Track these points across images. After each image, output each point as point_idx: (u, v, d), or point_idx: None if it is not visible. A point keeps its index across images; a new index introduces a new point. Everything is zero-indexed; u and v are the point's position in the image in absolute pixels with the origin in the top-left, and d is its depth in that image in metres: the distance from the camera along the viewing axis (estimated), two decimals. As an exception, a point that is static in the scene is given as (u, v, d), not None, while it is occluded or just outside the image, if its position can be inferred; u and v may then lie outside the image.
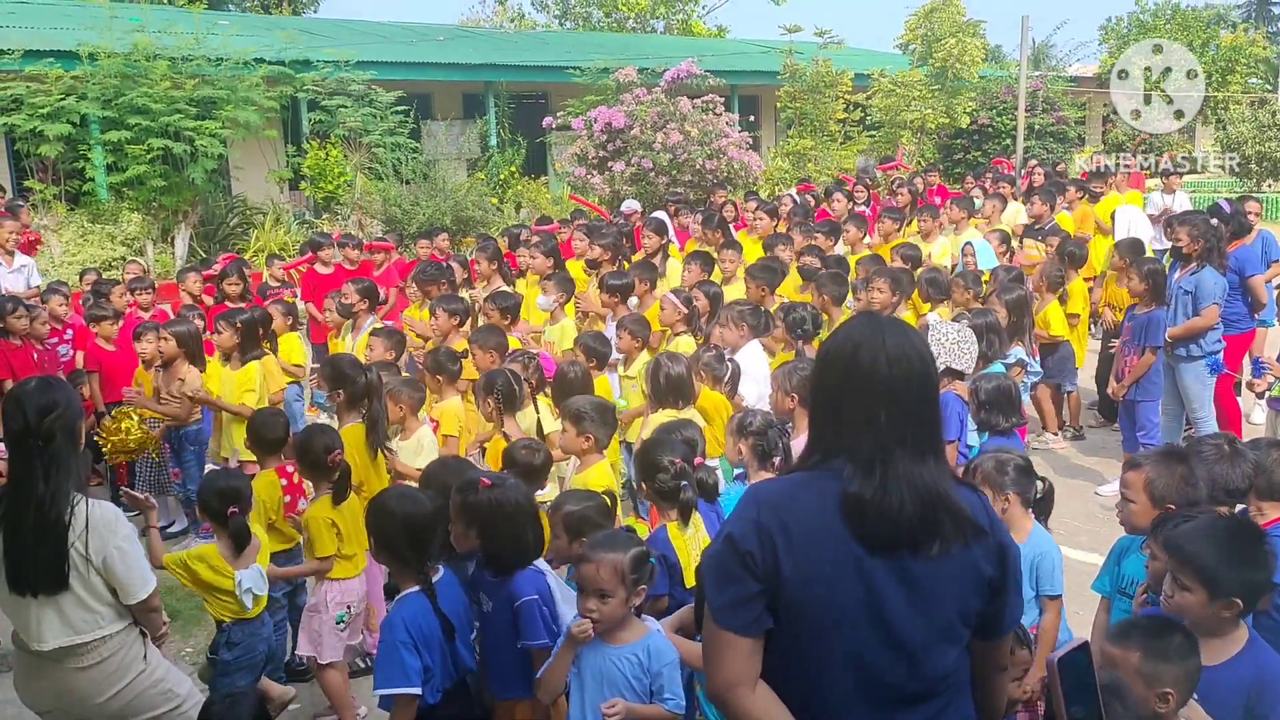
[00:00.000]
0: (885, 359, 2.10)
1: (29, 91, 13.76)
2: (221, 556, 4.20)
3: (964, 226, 10.05)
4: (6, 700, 4.25)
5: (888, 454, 2.07)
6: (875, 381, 2.10)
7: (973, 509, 2.13)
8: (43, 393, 3.35)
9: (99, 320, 7.77)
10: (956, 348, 5.47)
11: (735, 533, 2.12)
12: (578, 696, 3.09)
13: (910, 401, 2.11)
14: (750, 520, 2.11)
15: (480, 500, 3.40)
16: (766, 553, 2.06)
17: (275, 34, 17.76)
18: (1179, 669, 2.52)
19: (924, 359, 2.15)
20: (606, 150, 16.34)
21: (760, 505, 2.13)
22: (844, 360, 2.16)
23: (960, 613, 2.11)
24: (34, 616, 3.33)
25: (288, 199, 17.39)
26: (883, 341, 2.12)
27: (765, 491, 2.21)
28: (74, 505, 3.30)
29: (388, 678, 3.14)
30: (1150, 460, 3.58)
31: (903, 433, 2.09)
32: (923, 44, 22.06)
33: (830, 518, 2.06)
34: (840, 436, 2.13)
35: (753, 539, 2.07)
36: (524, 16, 40.45)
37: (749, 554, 2.07)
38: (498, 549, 3.40)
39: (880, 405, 2.10)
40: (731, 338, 6.13)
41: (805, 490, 2.14)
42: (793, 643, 2.10)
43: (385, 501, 3.44)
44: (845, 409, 2.13)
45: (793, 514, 2.09)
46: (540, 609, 3.31)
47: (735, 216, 11.66)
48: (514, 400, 5.27)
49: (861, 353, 2.13)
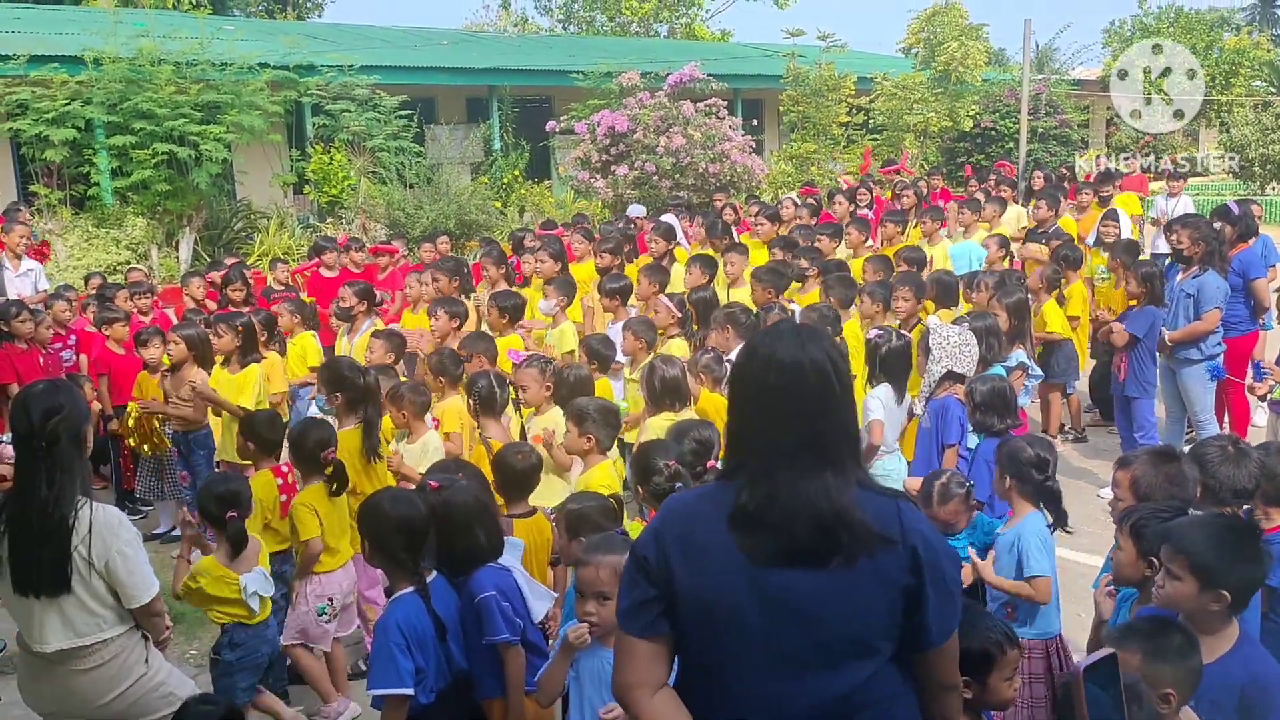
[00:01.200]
0: (775, 369, 2.09)
1: (34, 96, 13.81)
2: (219, 563, 4.23)
3: (974, 230, 10.07)
4: (12, 702, 4.28)
5: (774, 466, 2.05)
6: (765, 393, 2.10)
7: (880, 518, 2.06)
8: (48, 396, 3.37)
9: (110, 323, 7.80)
10: (958, 351, 5.48)
11: (638, 541, 2.19)
12: (577, 700, 3.10)
13: (802, 413, 2.07)
14: (652, 529, 2.17)
15: (430, 502, 3.43)
16: (661, 560, 2.09)
17: (279, 39, 17.80)
18: (1179, 669, 2.52)
19: (820, 369, 2.09)
20: (610, 154, 16.36)
21: (664, 515, 2.19)
22: (739, 371, 2.20)
23: (870, 625, 2.06)
24: (37, 618, 3.35)
25: (292, 203, 17.43)
26: (773, 351, 2.10)
27: (673, 501, 2.27)
28: (78, 508, 3.31)
29: (380, 679, 3.16)
30: (1140, 459, 3.61)
31: (793, 445, 2.06)
32: (925, 47, 22.06)
33: (723, 530, 2.07)
34: (740, 448, 2.16)
35: (650, 546, 2.12)
36: (527, 21, 40.55)
37: (644, 559, 2.12)
38: (449, 550, 3.42)
39: (766, 417, 2.09)
40: (719, 341, 6.15)
41: (706, 501, 2.16)
42: (695, 653, 2.12)
43: (379, 503, 3.46)
44: (742, 420, 2.16)
45: (691, 524, 2.12)
46: (499, 604, 3.32)
47: (736, 220, 11.69)
48: (493, 402, 5.30)
49: (754, 363, 2.14)
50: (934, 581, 2.07)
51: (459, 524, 3.41)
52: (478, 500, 3.53)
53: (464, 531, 3.41)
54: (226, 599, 4.21)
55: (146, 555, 3.51)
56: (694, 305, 7.02)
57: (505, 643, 3.30)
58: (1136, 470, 3.54)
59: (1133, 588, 3.23)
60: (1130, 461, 3.64)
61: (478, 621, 3.33)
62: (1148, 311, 6.95)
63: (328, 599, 4.71)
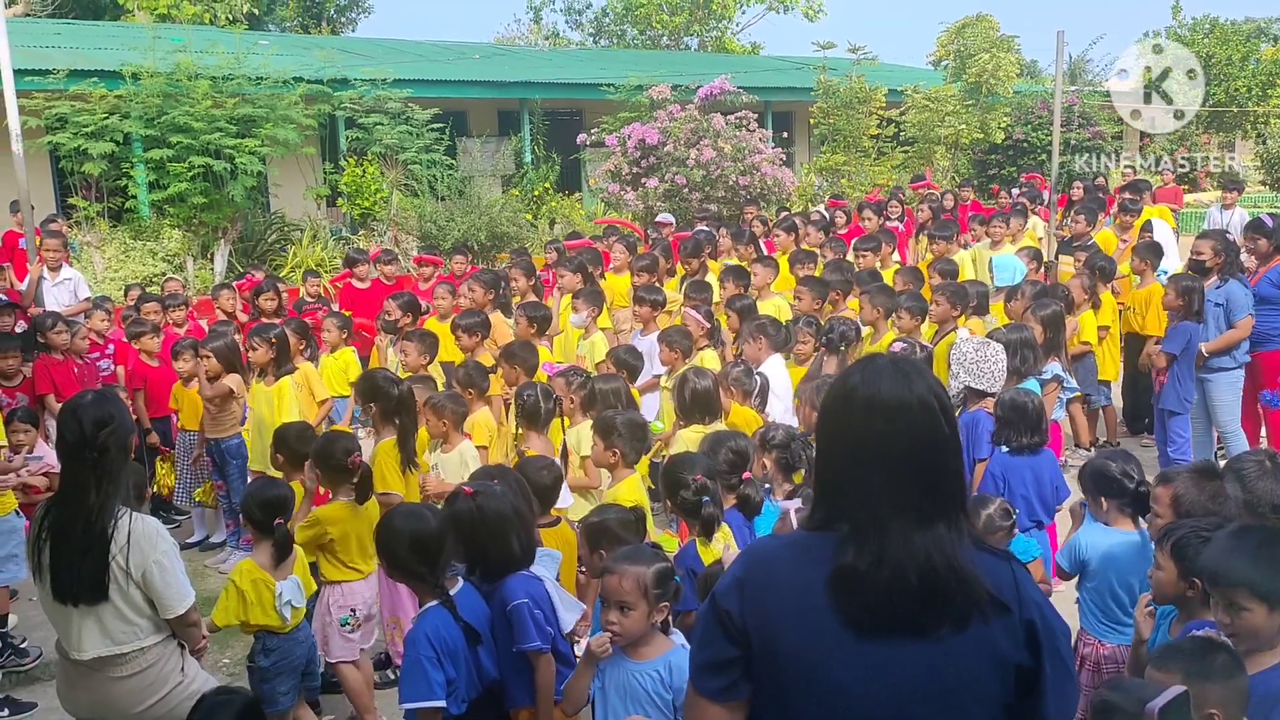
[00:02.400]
0: (880, 411, 1.85)
1: (73, 110, 14.04)
2: (261, 567, 4.27)
3: (1003, 243, 10.03)
4: (50, 708, 4.34)
5: (884, 520, 1.81)
6: (869, 437, 1.86)
7: (995, 581, 1.84)
8: (99, 406, 3.42)
9: (138, 336, 7.90)
10: (976, 367, 5.43)
11: (719, 589, 1.93)
12: (601, 711, 3.10)
13: (911, 460, 1.84)
14: (734, 579, 1.92)
15: (463, 509, 3.43)
16: (746, 615, 1.86)
17: (314, 53, 18.01)
18: (1225, 689, 2.48)
19: (928, 409, 1.86)
20: (640, 167, 16.41)
21: (748, 565, 1.94)
22: (836, 412, 1.93)
23: (980, 705, 1.82)
24: (75, 626, 3.39)
25: (325, 215, 17.60)
26: (876, 391, 1.87)
27: (758, 548, 2.06)
28: (118, 518, 3.36)
29: (412, 692, 3.16)
30: (1181, 476, 3.56)
31: (903, 496, 1.82)
32: (956, 59, 21.98)
33: (818, 589, 1.83)
34: (839, 497, 1.90)
35: (734, 598, 1.89)
36: (559, 34, 40.76)
37: (728, 614, 1.88)
38: (481, 556, 3.43)
39: (871, 465, 1.85)
40: (751, 352, 6.15)
41: (799, 553, 1.92)
42: (789, 715, 1.88)
43: (391, 521, 3.48)
44: (840, 467, 1.91)
45: (781, 578, 1.88)
46: (532, 611, 3.31)
47: (766, 232, 11.69)
48: (537, 415, 5.32)
49: (852, 403, 1.89)
50: (1052, 660, 1.84)
51: (492, 530, 3.41)
52: (513, 507, 3.52)
53: (497, 538, 3.41)
54: (258, 604, 4.22)
55: (183, 566, 3.56)
56: (738, 313, 7.03)
57: (536, 650, 3.30)
58: (1179, 488, 3.50)
59: (1171, 605, 3.18)
60: (1171, 479, 3.60)
61: (508, 629, 3.33)
62: (1184, 328, 6.90)
63: (350, 609, 4.73)
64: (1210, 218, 12.91)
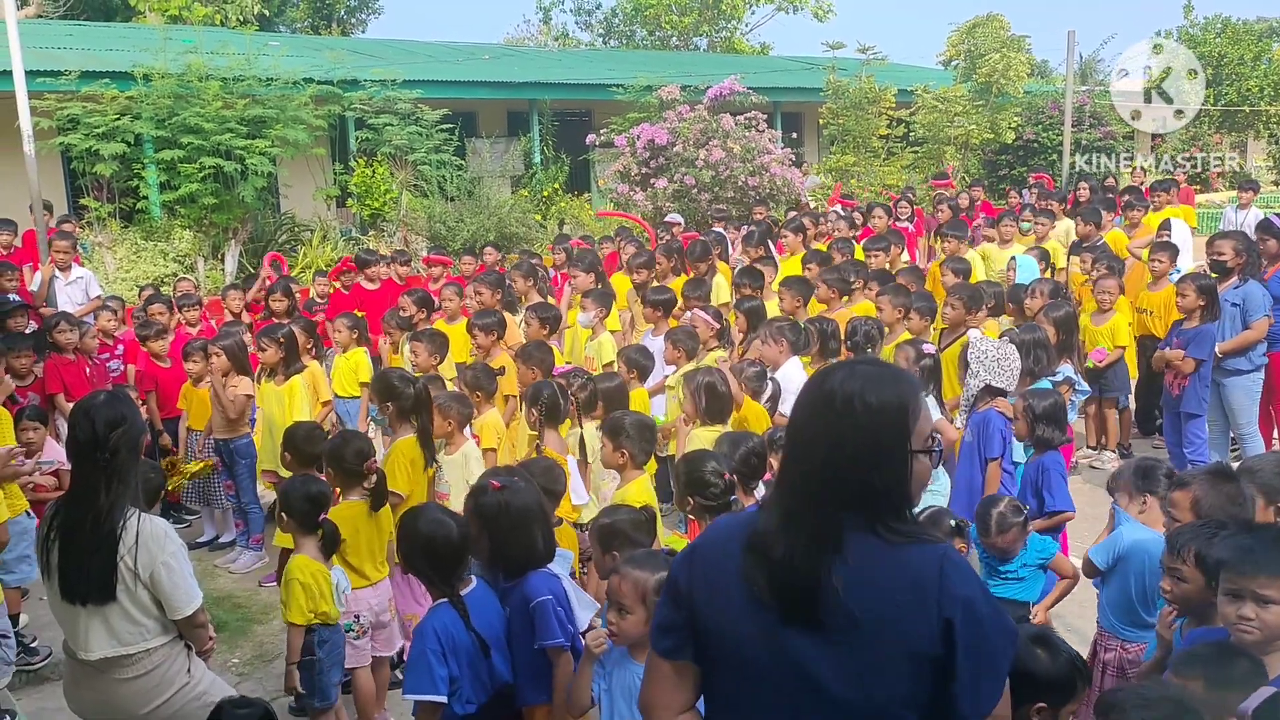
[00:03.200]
0: (837, 404, 1.95)
1: (85, 111, 14.08)
2: (313, 559, 4.29)
3: (1048, 237, 10.03)
4: (59, 708, 4.34)
5: (797, 504, 1.95)
6: (813, 425, 1.99)
7: (917, 576, 1.89)
8: (111, 407, 3.42)
9: (145, 340, 7.91)
10: (996, 365, 5.42)
11: (676, 560, 2.15)
12: (607, 712, 3.08)
13: (843, 457, 1.92)
14: (689, 550, 2.14)
15: (489, 502, 3.41)
16: (692, 582, 2.05)
17: (324, 54, 18.05)
18: (1245, 696, 2.43)
19: (880, 414, 1.92)
20: (649, 167, 16.40)
21: (704, 538, 2.15)
22: (801, 396, 2.09)
23: (888, 690, 1.88)
24: (82, 626, 3.39)
25: (335, 216, 17.63)
26: (838, 386, 1.96)
27: (717, 524, 2.23)
28: (126, 519, 3.36)
29: (415, 684, 3.17)
30: (1198, 479, 3.53)
31: (820, 488, 1.92)
32: (966, 60, 21.91)
33: (730, 555, 2.01)
34: (780, 481, 2.08)
35: (683, 569, 2.09)
36: (568, 35, 40.80)
37: (675, 581, 2.09)
38: (506, 550, 3.40)
39: (805, 451, 1.98)
40: (771, 354, 6.13)
41: (739, 529, 2.06)
42: (713, 693, 2.07)
43: (413, 521, 3.47)
44: (788, 450, 2.07)
45: (718, 548, 2.06)
46: (555, 608, 3.30)
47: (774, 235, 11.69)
48: (557, 413, 5.32)
49: (814, 394, 2.02)
50: (970, 655, 1.88)
51: (516, 525, 3.39)
52: (537, 503, 3.52)
53: (521, 533, 3.40)
54: (320, 596, 4.23)
55: (191, 568, 3.54)
56: (745, 315, 7.02)
57: (558, 648, 3.29)
58: (1196, 491, 3.46)
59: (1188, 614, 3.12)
60: (1188, 482, 3.56)
61: (529, 625, 3.31)
62: (1207, 331, 6.79)
63: (354, 615, 4.69)
64: (1225, 218, 12.84)
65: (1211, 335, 6.79)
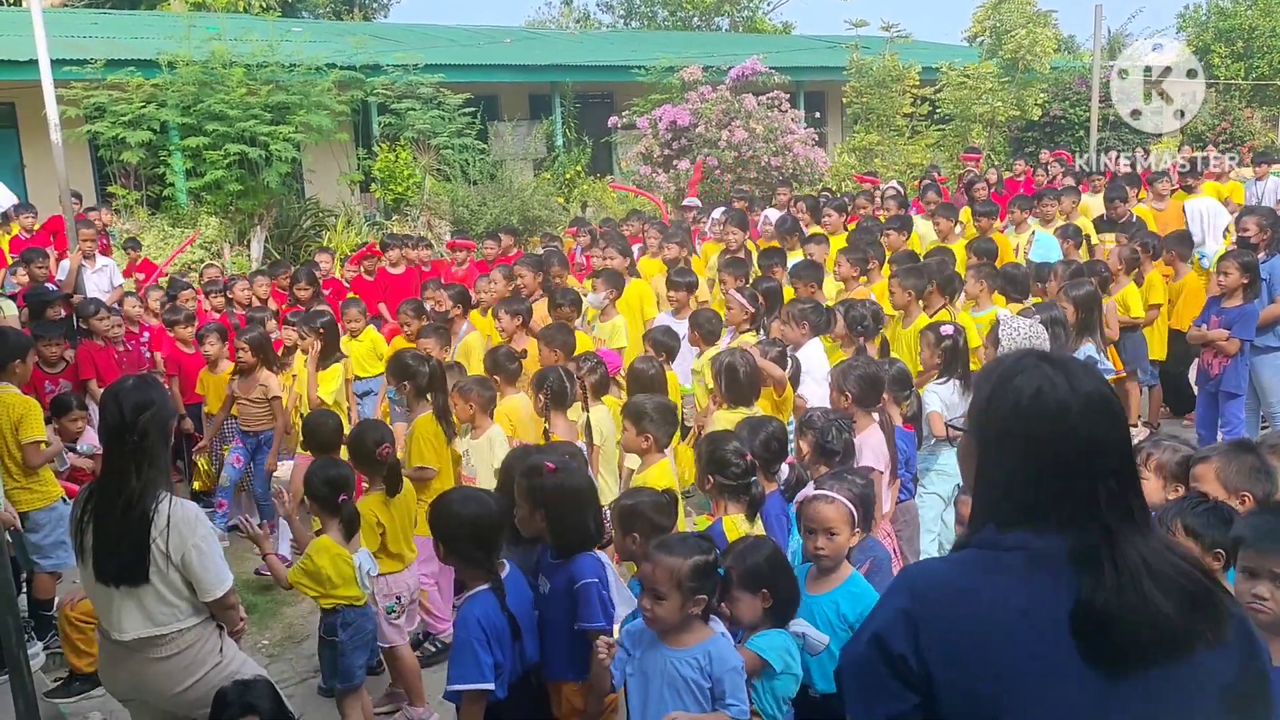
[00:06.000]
0: (1076, 413, 1.65)
1: (111, 100, 14.20)
2: (336, 542, 4.34)
3: (1074, 215, 9.95)
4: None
5: (1108, 532, 1.60)
6: (1062, 441, 1.65)
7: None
8: (139, 391, 3.47)
9: (173, 325, 8.00)
10: (1028, 343, 5.39)
11: (883, 630, 1.66)
12: (641, 697, 3.09)
13: (1113, 465, 1.65)
14: (901, 613, 1.65)
15: (546, 484, 3.47)
16: (926, 656, 1.61)
17: (346, 40, 18.09)
18: None
19: (1115, 407, 1.70)
20: (671, 148, 16.37)
21: (915, 594, 1.68)
22: (1011, 416, 1.70)
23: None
24: (116, 607, 3.44)
25: (359, 201, 17.71)
26: (1065, 389, 1.67)
27: (921, 576, 1.77)
28: (158, 502, 3.40)
29: (462, 674, 3.18)
30: (1220, 452, 3.50)
31: (1125, 501, 1.62)
32: (992, 36, 21.68)
33: (1040, 623, 1.58)
34: (1026, 504, 1.66)
35: (906, 640, 1.62)
36: (589, 17, 40.67)
37: (900, 659, 1.62)
38: (563, 531, 3.47)
39: (1068, 470, 1.64)
40: (793, 336, 6.11)
41: (986, 579, 1.64)
42: None
43: (450, 503, 3.48)
44: (1022, 475, 1.67)
45: (973, 610, 1.62)
46: (600, 591, 3.36)
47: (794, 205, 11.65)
48: (564, 397, 5.34)
49: (1041, 405, 1.67)
50: (1265, 683, 1.65)
51: (573, 505, 3.47)
52: (590, 484, 3.60)
53: (577, 513, 3.47)
54: (340, 580, 4.28)
55: (221, 550, 3.60)
56: (764, 296, 7.02)
57: (598, 630, 3.33)
58: (1219, 463, 3.42)
59: None
60: (1209, 456, 3.53)
61: (571, 604, 3.36)
62: (1251, 310, 6.68)
63: (395, 597, 4.80)
64: (1246, 193, 12.70)
65: (1255, 314, 6.69)
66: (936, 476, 5.48)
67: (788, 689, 3.18)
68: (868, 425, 4.80)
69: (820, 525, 3.45)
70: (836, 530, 3.44)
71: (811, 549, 3.49)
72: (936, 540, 5.43)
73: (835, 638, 3.42)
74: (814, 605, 3.44)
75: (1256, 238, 6.99)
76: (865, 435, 4.72)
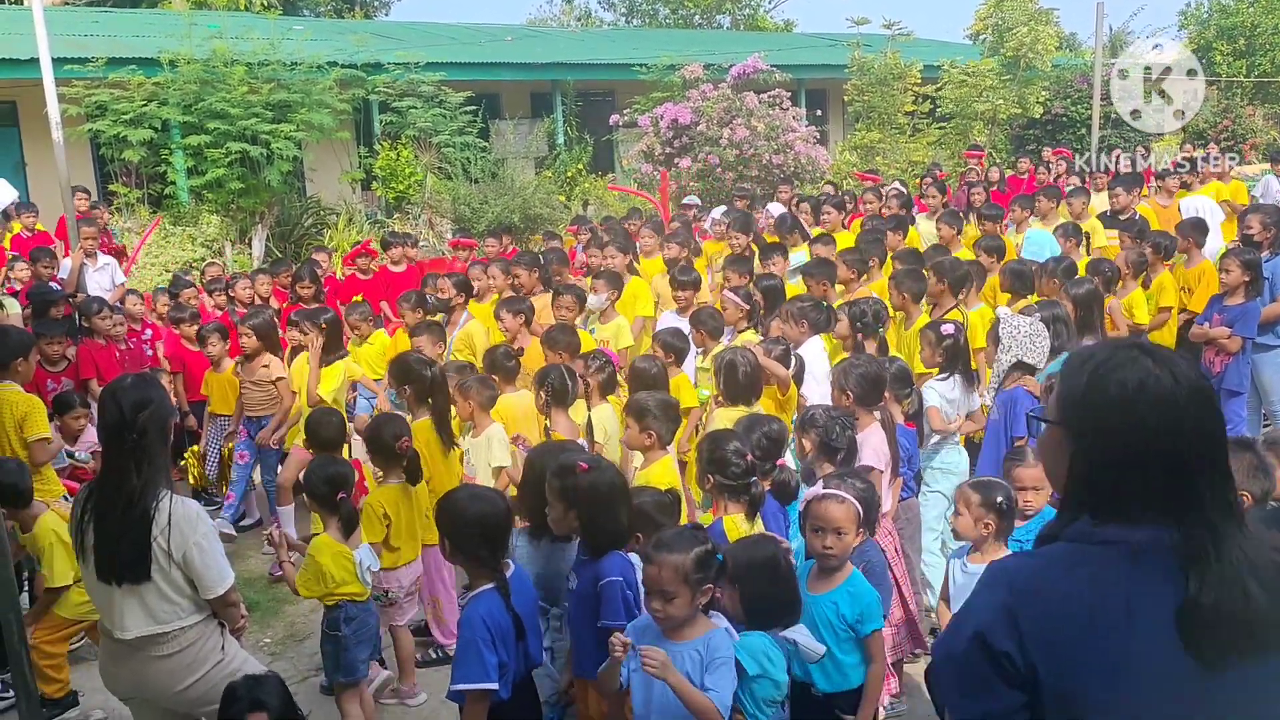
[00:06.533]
0: (1183, 395, 1.65)
1: (112, 98, 14.19)
2: (335, 540, 4.36)
3: (1052, 217, 9.87)
4: (95, 688, 4.43)
5: (1212, 527, 1.60)
6: (1182, 425, 1.64)
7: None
8: (137, 389, 3.47)
9: (178, 323, 8.00)
10: (1029, 341, 5.39)
11: (984, 627, 1.64)
12: (643, 690, 3.10)
13: (1212, 455, 1.65)
14: (1002, 608, 1.64)
15: (580, 483, 3.49)
16: (1031, 652, 1.59)
17: (348, 38, 18.08)
18: None
19: (1212, 399, 1.70)
20: (673, 147, 16.36)
21: (1015, 590, 1.66)
22: (1111, 408, 1.67)
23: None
24: (118, 605, 3.44)
25: (360, 199, 17.71)
26: (1168, 380, 1.66)
27: (1018, 570, 1.73)
28: (159, 500, 3.40)
29: (466, 674, 3.17)
30: None
31: (1225, 495, 1.63)
32: (994, 33, 21.65)
33: (1148, 618, 1.58)
34: (1127, 498, 1.65)
35: (1009, 638, 1.61)
36: (590, 15, 40.65)
37: (1005, 656, 1.60)
38: (597, 529, 3.49)
39: (1192, 458, 1.63)
40: (793, 334, 6.11)
41: (1085, 573, 1.63)
42: None
43: (457, 501, 3.47)
44: (1140, 462, 1.65)
45: (1075, 605, 1.61)
46: (624, 591, 3.37)
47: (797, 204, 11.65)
48: (565, 395, 5.35)
49: (1145, 396, 1.65)
50: None
51: (606, 504, 3.49)
52: (622, 482, 3.61)
53: (609, 511, 3.49)
54: (342, 577, 4.30)
55: (223, 547, 3.60)
56: (763, 293, 7.01)
57: (619, 629, 3.32)
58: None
59: None
60: None
61: (596, 601, 3.38)
62: (1252, 308, 6.71)
63: (384, 590, 4.82)
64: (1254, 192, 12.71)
65: (1257, 312, 6.71)
66: (940, 475, 5.47)
67: (767, 692, 3.20)
68: (869, 424, 4.80)
69: (829, 524, 3.46)
70: (845, 530, 3.46)
71: (819, 548, 3.49)
72: (939, 539, 5.43)
73: (835, 637, 3.43)
74: (813, 605, 3.45)
75: (1260, 235, 7.00)
76: (866, 434, 4.72)
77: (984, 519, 3.79)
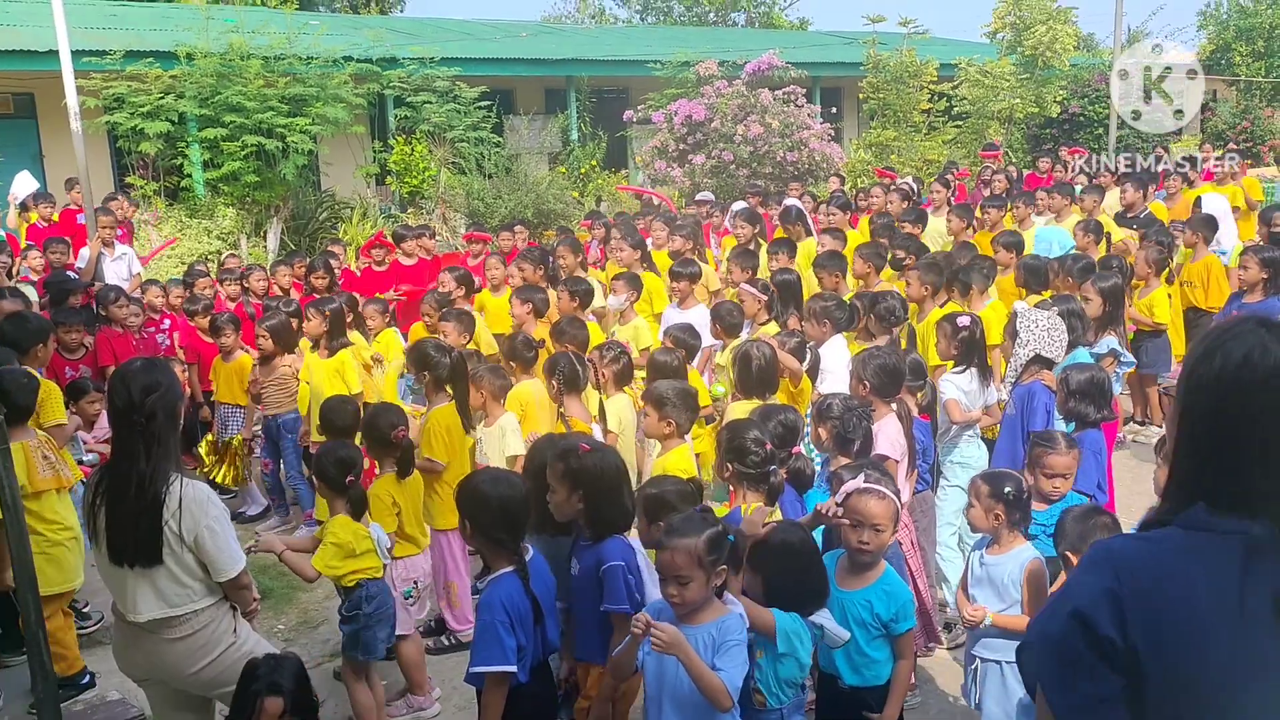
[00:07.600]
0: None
1: (130, 91, 14.26)
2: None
3: (1066, 214, 9.83)
4: (110, 670, 4.44)
5: None
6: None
7: None
8: (146, 373, 3.46)
9: (191, 314, 8.04)
10: (1047, 335, 5.36)
11: (1086, 609, 1.56)
12: (655, 674, 3.09)
13: None
14: (1104, 591, 1.56)
15: (583, 465, 3.49)
16: (1134, 636, 1.52)
17: (363, 33, 18.13)
18: None
19: None
20: (686, 143, 16.34)
21: (1119, 574, 1.57)
22: (1226, 386, 1.58)
23: None
24: (130, 588, 3.45)
25: (374, 193, 17.74)
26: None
27: (1124, 553, 1.63)
28: (170, 483, 3.40)
29: (485, 656, 3.17)
30: None
31: None
32: (1012, 32, 21.55)
33: (1244, 614, 1.51)
34: (1245, 485, 1.56)
35: (1111, 621, 1.53)
36: (605, 12, 40.65)
37: (1107, 640, 1.53)
38: (600, 512, 3.49)
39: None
40: (816, 333, 6.07)
41: (1195, 560, 1.55)
42: None
43: (478, 485, 3.46)
44: (1252, 447, 1.56)
45: (1181, 590, 1.54)
46: (626, 575, 3.37)
47: (814, 208, 11.62)
48: (576, 381, 5.35)
49: (1253, 364, 1.56)
50: None
51: (608, 487, 3.50)
52: (624, 466, 3.62)
53: (611, 494, 3.50)
54: (366, 546, 4.29)
55: (234, 531, 3.60)
56: (777, 287, 7.00)
57: (622, 614, 3.34)
58: None
59: None
60: None
61: (598, 586, 3.38)
62: (1272, 305, 6.66)
63: (413, 581, 4.81)
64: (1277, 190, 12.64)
65: (1276, 309, 6.66)
66: (959, 469, 5.44)
67: (790, 673, 3.20)
68: (885, 414, 4.78)
69: (868, 519, 3.43)
70: (883, 526, 3.44)
71: (855, 542, 3.47)
72: (956, 534, 5.40)
73: (866, 634, 3.40)
74: (845, 601, 3.42)
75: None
76: (881, 424, 4.69)
77: (994, 509, 3.77)
